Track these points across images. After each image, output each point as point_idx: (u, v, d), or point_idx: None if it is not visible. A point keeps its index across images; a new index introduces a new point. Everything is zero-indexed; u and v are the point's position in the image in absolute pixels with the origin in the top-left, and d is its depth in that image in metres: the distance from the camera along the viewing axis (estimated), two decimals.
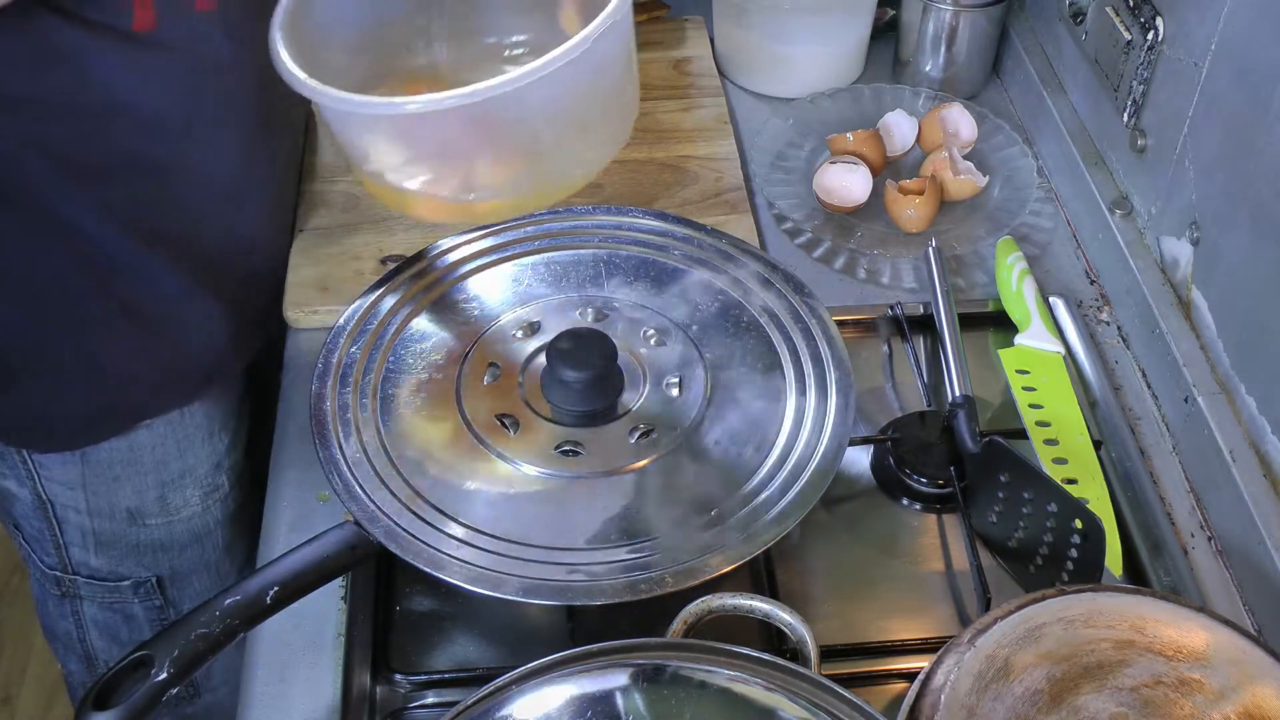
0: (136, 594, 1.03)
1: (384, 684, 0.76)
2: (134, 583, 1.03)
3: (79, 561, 1.01)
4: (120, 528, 0.99)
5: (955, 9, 1.18)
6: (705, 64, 1.25)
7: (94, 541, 1.00)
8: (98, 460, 0.94)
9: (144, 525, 0.99)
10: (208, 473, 1.00)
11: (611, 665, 0.63)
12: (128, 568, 1.02)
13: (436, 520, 0.73)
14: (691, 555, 0.72)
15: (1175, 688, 0.64)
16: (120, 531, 0.99)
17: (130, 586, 1.03)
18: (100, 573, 1.02)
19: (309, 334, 0.97)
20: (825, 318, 0.86)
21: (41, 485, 0.96)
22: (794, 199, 1.09)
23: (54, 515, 0.98)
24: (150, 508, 0.98)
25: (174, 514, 1.00)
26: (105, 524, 0.98)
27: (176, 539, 1.01)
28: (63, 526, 0.99)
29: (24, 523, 1.00)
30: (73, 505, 0.97)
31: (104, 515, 0.98)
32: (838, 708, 0.62)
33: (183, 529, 1.01)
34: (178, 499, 0.99)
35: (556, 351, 0.78)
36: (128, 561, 1.01)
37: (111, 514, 0.98)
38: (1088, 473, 0.86)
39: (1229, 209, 0.86)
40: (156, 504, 0.98)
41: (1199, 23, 0.89)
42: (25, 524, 1.00)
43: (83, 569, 1.02)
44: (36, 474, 0.95)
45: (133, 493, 0.97)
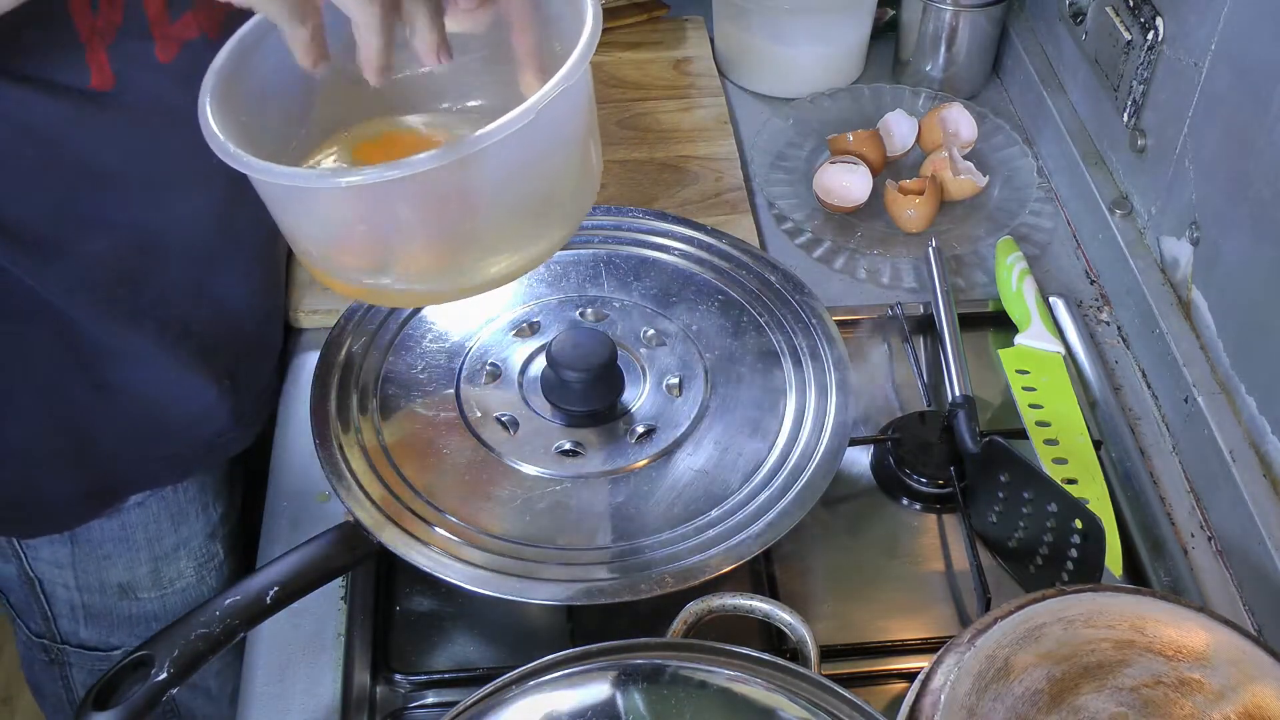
0: None
1: (384, 684, 0.76)
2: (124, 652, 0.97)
3: (68, 632, 0.98)
4: (111, 602, 0.95)
5: (955, 9, 1.18)
6: (705, 64, 1.25)
7: (84, 614, 0.96)
8: (87, 539, 0.91)
9: (136, 599, 0.96)
10: (202, 544, 0.96)
11: (612, 665, 0.63)
12: (119, 638, 0.98)
13: (436, 520, 0.73)
14: (691, 555, 0.72)
15: (1175, 688, 0.64)
16: (111, 605, 0.96)
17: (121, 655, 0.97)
18: (90, 643, 0.99)
19: (309, 334, 0.97)
20: (825, 318, 0.86)
21: (28, 564, 0.92)
22: (794, 199, 1.09)
23: (41, 590, 0.94)
24: (143, 582, 0.95)
25: (167, 587, 0.96)
26: (95, 598, 0.95)
27: (170, 610, 0.97)
28: (50, 601, 0.95)
29: (9, 593, 0.97)
30: (61, 582, 0.93)
31: (94, 591, 0.94)
32: (838, 708, 0.62)
33: (177, 600, 0.97)
34: (171, 571, 0.96)
35: (556, 351, 0.78)
36: (119, 633, 0.98)
37: (102, 589, 0.94)
38: (1088, 473, 0.86)
39: (1229, 209, 0.86)
40: (149, 578, 0.95)
41: (1199, 23, 0.89)
42: (10, 594, 0.97)
43: (72, 639, 0.98)
44: (23, 553, 0.92)
45: (124, 569, 0.93)
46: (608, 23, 1.26)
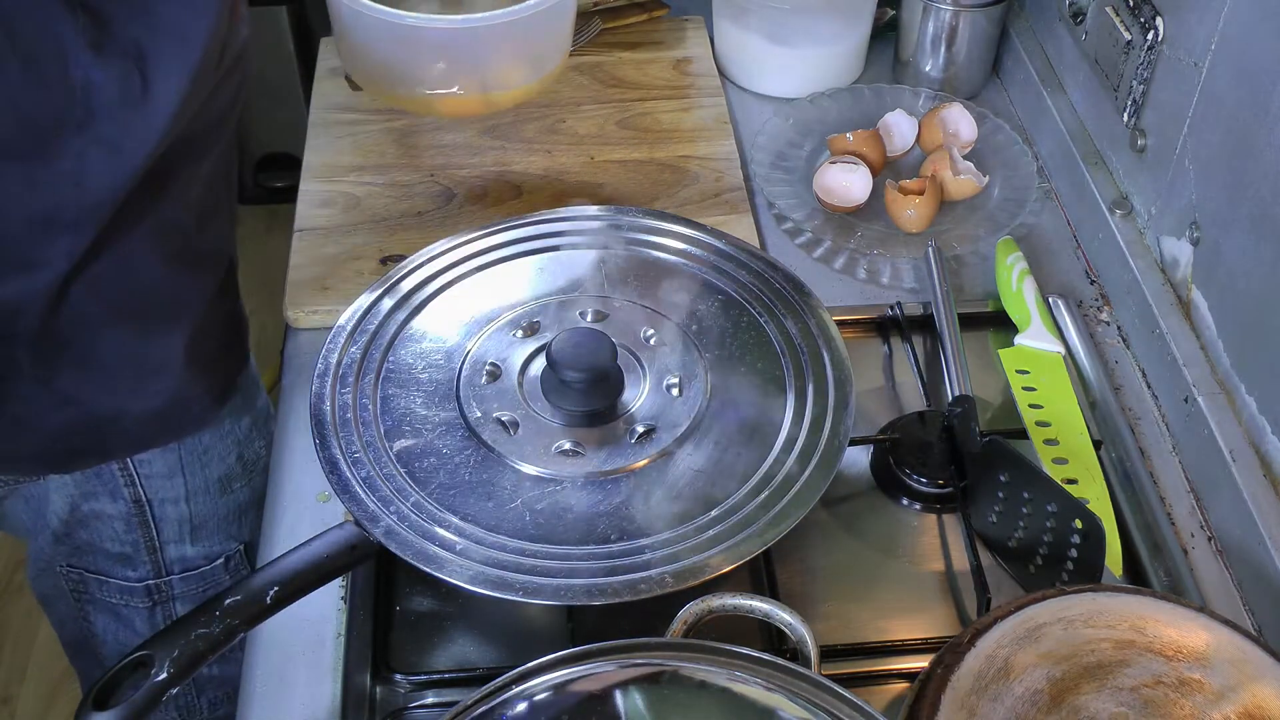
0: (228, 569, 1.07)
1: (384, 684, 0.76)
2: (225, 559, 1.06)
3: (174, 559, 1.03)
4: (214, 502, 1.02)
5: (955, 9, 1.18)
6: (705, 64, 1.25)
7: (190, 529, 1.02)
8: (191, 439, 0.98)
9: (232, 491, 1.03)
10: (265, 420, 1.05)
11: (611, 665, 0.63)
12: (219, 544, 1.05)
13: (436, 520, 0.73)
14: (691, 555, 0.72)
15: (1175, 688, 0.64)
16: (214, 506, 1.03)
17: (222, 565, 1.06)
18: (195, 561, 1.05)
19: (309, 334, 0.97)
20: (825, 318, 0.86)
21: (141, 487, 0.98)
22: (794, 199, 1.09)
23: (151, 516, 1.00)
24: (234, 470, 1.02)
25: (252, 469, 1.04)
26: (201, 504, 1.02)
27: (256, 494, 1.04)
28: (159, 525, 1.01)
29: (108, 543, 1.01)
30: (170, 497, 0.99)
31: (199, 494, 1.01)
32: (838, 708, 0.62)
33: (260, 481, 1.03)
34: (251, 453, 1.03)
35: (556, 351, 0.78)
36: (219, 536, 1.05)
37: (208, 489, 1.01)
38: (1088, 473, 0.86)
39: (1229, 209, 0.86)
40: (238, 465, 1.02)
41: (1199, 23, 0.89)
42: (110, 544, 1.01)
43: (177, 565, 1.04)
44: (137, 476, 0.97)
45: (220, 459, 1.01)
46: (608, 23, 1.27)
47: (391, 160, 1.11)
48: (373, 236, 1.03)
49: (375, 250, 1.02)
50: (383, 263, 1.00)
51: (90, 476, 0.96)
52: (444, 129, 1.15)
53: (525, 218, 0.93)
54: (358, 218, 1.05)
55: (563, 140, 1.14)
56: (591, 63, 1.23)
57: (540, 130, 1.15)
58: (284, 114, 2.09)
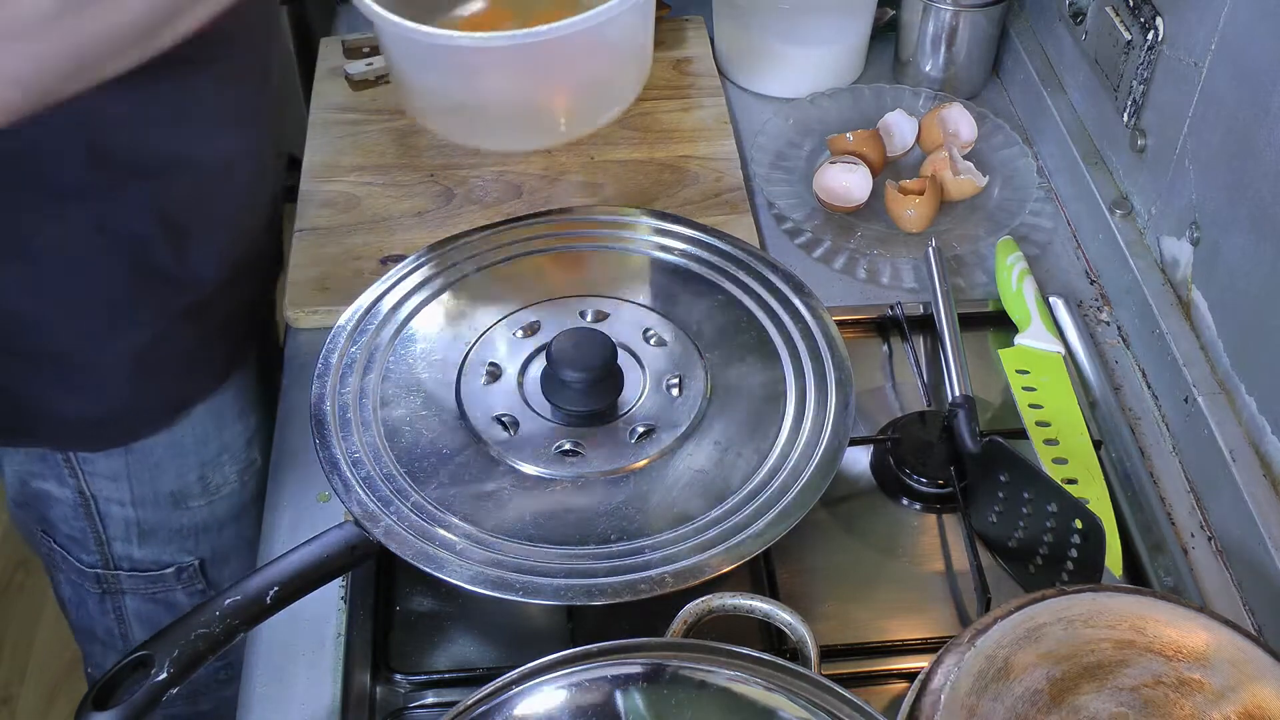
0: (180, 579, 1.04)
1: (384, 684, 0.76)
2: (177, 569, 1.03)
3: (121, 555, 1.01)
4: (164, 514, 0.99)
5: (955, 9, 1.18)
6: (705, 64, 1.25)
7: (137, 532, 1.00)
8: (141, 448, 0.95)
9: (186, 508, 1.00)
10: (242, 448, 1.01)
11: (611, 665, 0.63)
12: (170, 554, 1.02)
13: (436, 520, 0.73)
14: (691, 555, 0.72)
15: (1175, 688, 0.64)
16: (164, 518, 1.00)
17: (173, 573, 1.03)
18: (143, 564, 1.02)
19: (309, 334, 0.97)
20: (825, 318, 0.86)
21: (85, 482, 0.96)
22: (794, 199, 1.09)
23: (96, 511, 0.98)
24: (192, 489, 0.99)
25: (214, 493, 1.01)
26: (149, 512, 0.99)
27: (217, 518, 1.02)
28: (105, 521, 0.99)
29: (60, 524, 1.00)
30: (116, 498, 0.97)
31: (148, 503, 0.98)
32: (838, 708, 0.62)
33: (223, 507, 1.02)
34: (217, 477, 1.00)
35: (556, 351, 0.78)
36: (170, 548, 1.02)
37: (155, 501, 0.98)
38: (1088, 473, 0.86)
39: (1229, 209, 0.86)
40: (198, 484, 0.99)
41: (1199, 23, 0.89)
42: (62, 525, 1.00)
43: (125, 562, 1.02)
44: (80, 471, 0.95)
45: (174, 476, 0.98)
46: None
47: (391, 160, 1.11)
48: (373, 236, 1.03)
49: (375, 250, 1.02)
50: (383, 263, 1.00)
51: (35, 458, 0.95)
52: None
53: (525, 218, 0.93)
54: (358, 218, 1.05)
55: None
56: None
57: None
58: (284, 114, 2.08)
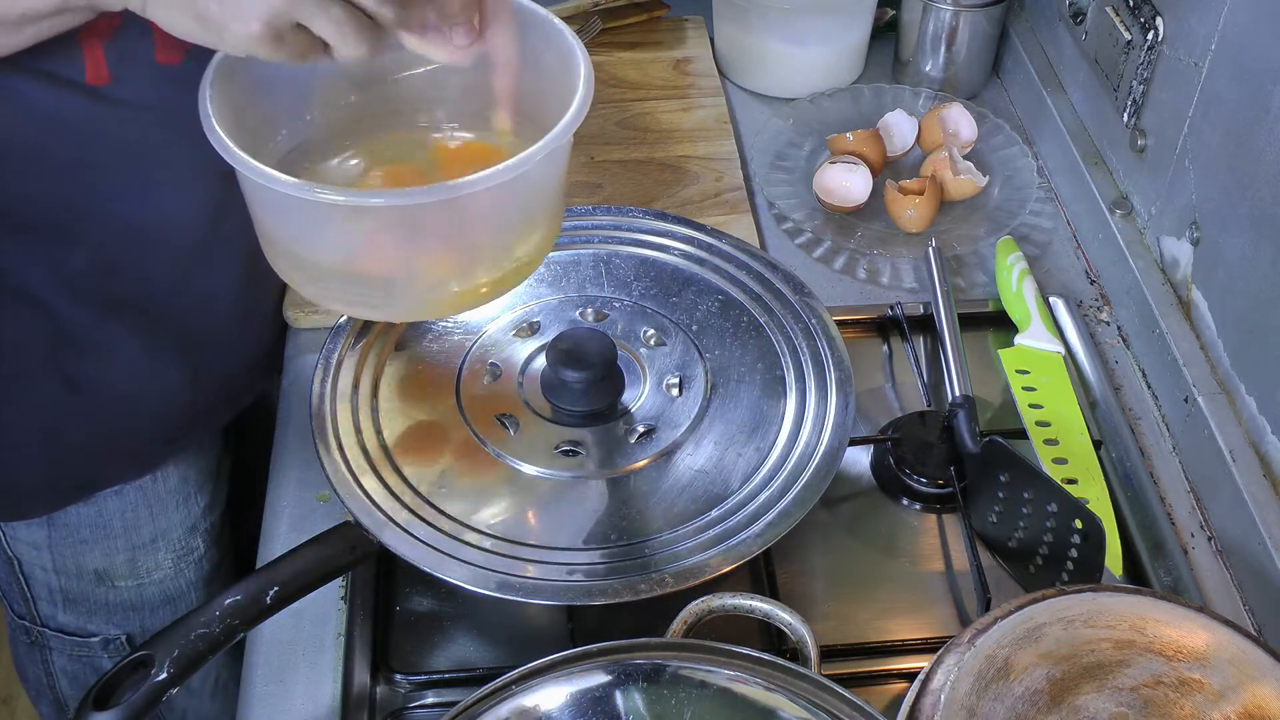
0: (106, 650, 1.00)
1: (384, 684, 0.76)
2: (103, 639, 0.99)
3: (47, 615, 0.98)
4: (88, 588, 0.96)
5: (955, 9, 1.18)
6: (705, 64, 1.25)
7: (61, 599, 0.96)
8: (64, 524, 0.91)
9: (113, 586, 0.96)
10: (181, 536, 0.97)
11: (612, 665, 0.63)
12: (97, 625, 0.99)
13: (436, 520, 0.73)
14: (691, 555, 0.72)
15: (1175, 688, 0.64)
16: (88, 591, 0.96)
17: (100, 643, 1.00)
18: (69, 628, 0.99)
19: (309, 334, 0.97)
20: (825, 318, 0.86)
21: (7, 544, 0.93)
22: (794, 199, 1.09)
23: (20, 571, 0.95)
24: (119, 570, 0.95)
25: (145, 576, 0.96)
26: (73, 583, 0.95)
27: (148, 600, 0.98)
28: (29, 582, 0.96)
29: None
30: (39, 565, 0.94)
31: (71, 575, 0.95)
32: (838, 708, 0.62)
33: (154, 591, 0.98)
34: (149, 562, 0.96)
35: (556, 351, 0.78)
36: (96, 619, 0.98)
37: (79, 574, 0.95)
38: (1088, 473, 0.86)
39: (1229, 209, 0.86)
40: (126, 566, 0.95)
41: (1199, 23, 0.89)
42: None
43: (50, 622, 0.99)
44: (2, 532, 0.92)
45: (101, 555, 0.94)
46: (607, 23, 1.26)
47: None
48: None
49: None
50: None
51: None
52: None
53: None
54: None
55: None
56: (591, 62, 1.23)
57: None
58: None
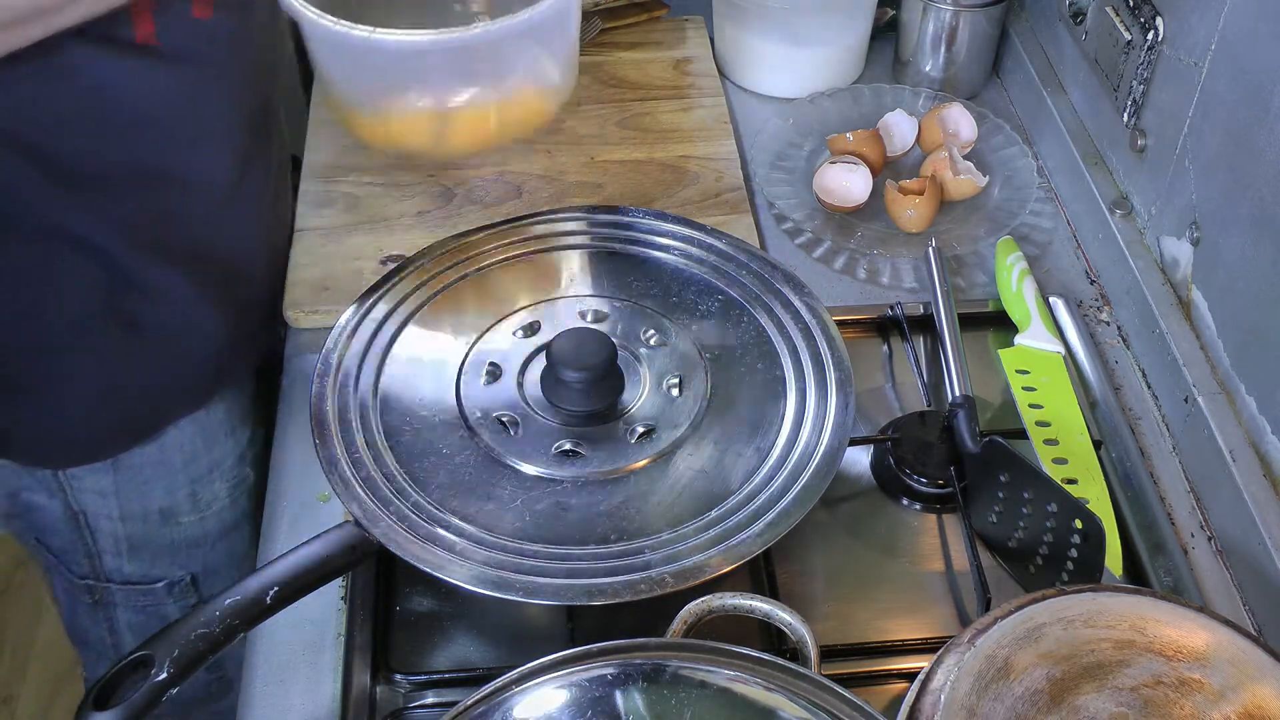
0: (170, 593, 1.04)
1: (384, 684, 0.76)
2: (168, 583, 1.03)
3: (112, 568, 1.01)
4: (153, 529, 0.99)
5: (955, 9, 1.18)
6: (705, 64, 1.25)
7: (127, 546, 1.00)
8: (129, 465, 0.94)
9: (177, 524, 1.00)
10: (233, 465, 1.01)
11: (611, 665, 0.63)
12: (161, 568, 1.02)
13: (436, 520, 0.73)
14: (691, 555, 0.72)
15: (1175, 688, 0.64)
16: (153, 533, 0.99)
17: (164, 587, 1.04)
18: (134, 577, 1.02)
19: (309, 334, 0.97)
20: (825, 318, 0.86)
21: (73, 497, 0.96)
22: (794, 199, 1.09)
23: (86, 524, 0.98)
24: (182, 505, 0.99)
25: (205, 509, 1.01)
26: (138, 527, 0.99)
27: (209, 534, 1.02)
28: (95, 535, 0.99)
29: (51, 536, 1.00)
30: (105, 513, 0.97)
31: (136, 519, 0.98)
32: (838, 708, 0.62)
33: (214, 523, 1.02)
34: (207, 494, 1.00)
35: (556, 351, 0.78)
36: (161, 562, 1.02)
37: (144, 516, 0.98)
38: (1088, 473, 0.86)
39: (1229, 209, 0.86)
40: (188, 501, 0.99)
41: (1199, 23, 0.89)
42: (53, 537, 1.00)
43: (116, 575, 1.02)
44: (67, 486, 0.95)
45: (164, 493, 0.97)
46: (607, 23, 1.26)
47: (391, 160, 1.11)
48: (373, 236, 1.03)
49: (375, 250, 1.02)
50: (383, 263, 1.00)
51: (22, 472, 0.95)
52: None
53: (525, 218, 0.93)
54: (358, 218, 1.05)
55: (563, 140, 1.14)
56: (591, 63, 1.23)
57: (540, 130, 1.15)
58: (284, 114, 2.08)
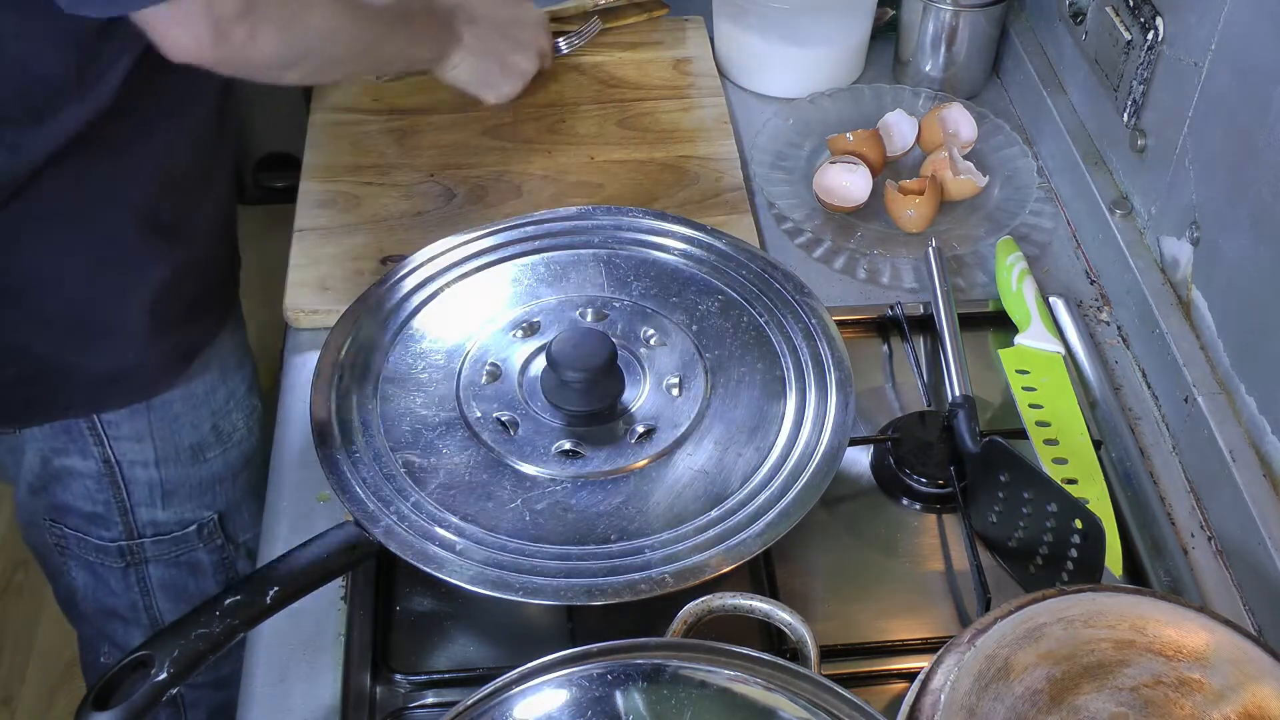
0: (200, 537, 1.08)
1: (384, 684, 0.76)
2: (198, 526, 1.08)
3: (145, 522, 1.05)
4: (185, 470, 1.04)
5: (955, 9, 1.18)
6: (705, 64, 1.25)
7: (161, 494, 1.04)
8: (160, 404, 0.99)
9: (204, 460, 1.05)
10: (245, 394, 1.07)
11: (611, 665, 0.63)
12: (192, 511, 1.07)
13: (436, 520, 0.73)
14: (691, 555, 0.72)
15: (1175, 688, 0.64)
16: (185, 474, 1.04)
17: (195, 532, 1.08)
18: (167, 526, 1.06)
19: (309, 334, 0.97)
20: (825, 318, 0.86)
21: (111, 448, 0.99)
22: (794, 199, 1.09)
23: (121, 477, 1.01)
24: (208, 439, 1.04)
25: (227, 441, 1.06)
26: (172, 470, 1.03)
27: (231, 466, 1.08)
28: (130, 488, 1.02)
29: (82, 501, 1.03)
30: (140, 460, 1.01)
31: (170, 460, 1.02)
32: (838, 708, 0.62)
33: (236, 454, 1.08)
34: (228, 425, 1.06)
35: (556, 351, 0.78)
36: (191, 504, 1.06)
37: (178, 456, 1.03)
38: (1088, 473, 0.86)
39: (1229, 209, 0.86)
40: (212, 435, 1.04)
41: (1199, 23, 0.89)
42: (83, 502, 1.03)
43: (149, 529, 1.05)
44: (105, 437, 0.98)
45: (192, 428, 1.02)
46: (607, 23, 1.27)
47: (391, 160, 1.11)
48: (373, 236, 1.03)
49: (375, 250, 1.02)
50: (383, 263, 1.00)
51: (59, 432, 0.97)
52: (444, 129, 1.15)
53: (525, 218, 0.93)
54: (358, 218, 1.05)
55: (563, 140, 1.14)
56: (591, 63, 1.23)
57: (540, 130, 1.15)
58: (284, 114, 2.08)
